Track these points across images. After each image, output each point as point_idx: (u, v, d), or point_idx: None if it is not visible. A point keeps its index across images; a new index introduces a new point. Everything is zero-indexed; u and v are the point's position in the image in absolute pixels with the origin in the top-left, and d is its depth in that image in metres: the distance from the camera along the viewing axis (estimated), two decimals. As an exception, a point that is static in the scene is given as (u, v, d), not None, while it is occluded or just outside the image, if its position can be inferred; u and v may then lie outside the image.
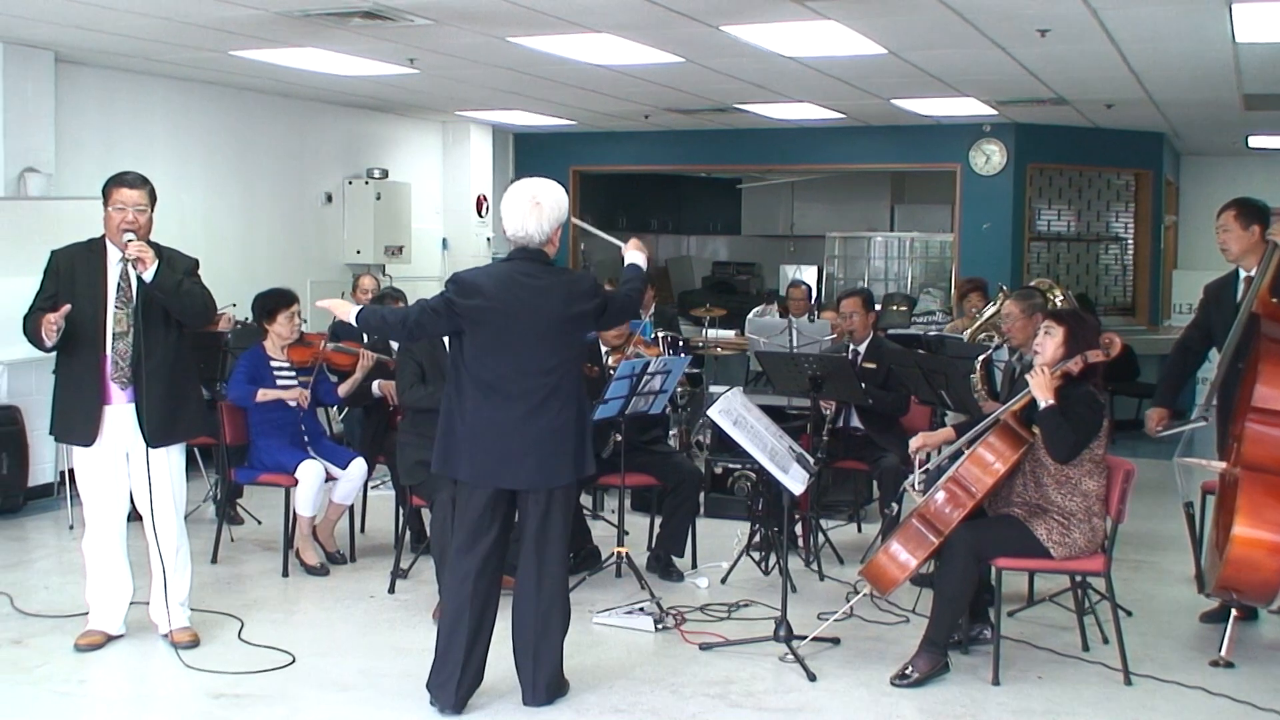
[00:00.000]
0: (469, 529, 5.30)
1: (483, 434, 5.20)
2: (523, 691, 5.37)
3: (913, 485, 6.14)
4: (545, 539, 5.29)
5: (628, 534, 7.36)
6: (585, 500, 8.51)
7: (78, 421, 5.93)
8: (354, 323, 5.49)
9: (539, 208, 5.21)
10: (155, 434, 5.91)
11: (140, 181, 5.91)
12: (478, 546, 5.28)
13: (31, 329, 5.84)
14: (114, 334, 5.86)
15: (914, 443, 6.30)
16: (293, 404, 7.57)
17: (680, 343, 10.44)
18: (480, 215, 14.82)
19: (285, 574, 7.48)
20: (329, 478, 7.54)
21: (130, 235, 5.76)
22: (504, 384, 5.18)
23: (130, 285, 5.87)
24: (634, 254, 5.75)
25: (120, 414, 5.91)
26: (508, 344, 5.17)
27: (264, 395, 7.50)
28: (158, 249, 5.85)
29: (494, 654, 5.43)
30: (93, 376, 5.88)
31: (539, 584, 5.30)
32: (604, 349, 7.55)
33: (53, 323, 5.69)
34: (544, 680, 5.34)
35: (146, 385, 5.85)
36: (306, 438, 7.65)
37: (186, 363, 6.15)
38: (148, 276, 5.75)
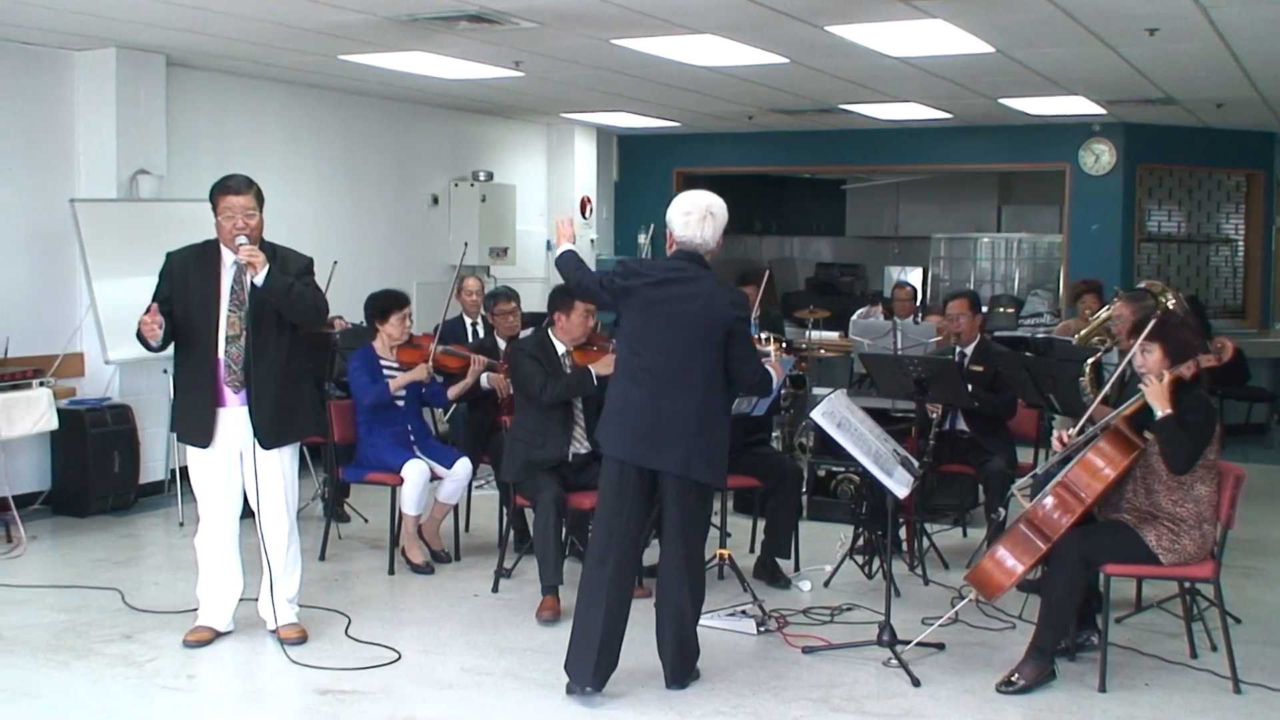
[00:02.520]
0: (606, 509, 5.51)
1: (622, 411, 5.47)
2: (665, 675, 5.63)
3: (1020, 490, 6.06)
4: (684, 528, 5.50)
5: (730, 536, 7.34)
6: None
7: (194, 423, 6.03)
8: (558, 257, 5.88)
9: (713, 218, 5.54)
10: (267, 436, 6.00)
11: (245, 185, 5.97)
12: (614, 530, 5.46)
13: (138, 331, 5.96)
14: (227, 337, 5.95)
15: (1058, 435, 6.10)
16: (400, 395, 7.63)
17: (784, 345, 10.38)
18: (584, 217, 14.87)
19: (391, 572, 7.56)
20: (434, 477, 7.61)
21: (243, 239, 5.84)
22: (643, 366, 5.46)
23: (243, 289, 5.94)
24: (770, 366, 6.05)
25: (234, 416, 6.01)
26: (651, 329, 5.47)
27: (397, 384, 7.61)
28: (271, 249, 5.93)
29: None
30: (207, 379, 5.97)
31: (673, 573, 5.52)
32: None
33: (148, 323, 5.80)
34: (682, 670, 5.61)
35: (258, 388, 5.93)
36: (412, 437, 7.72)
37: (300, 364, 6.22)
38: (258, 280, 5.83)
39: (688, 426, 5.40)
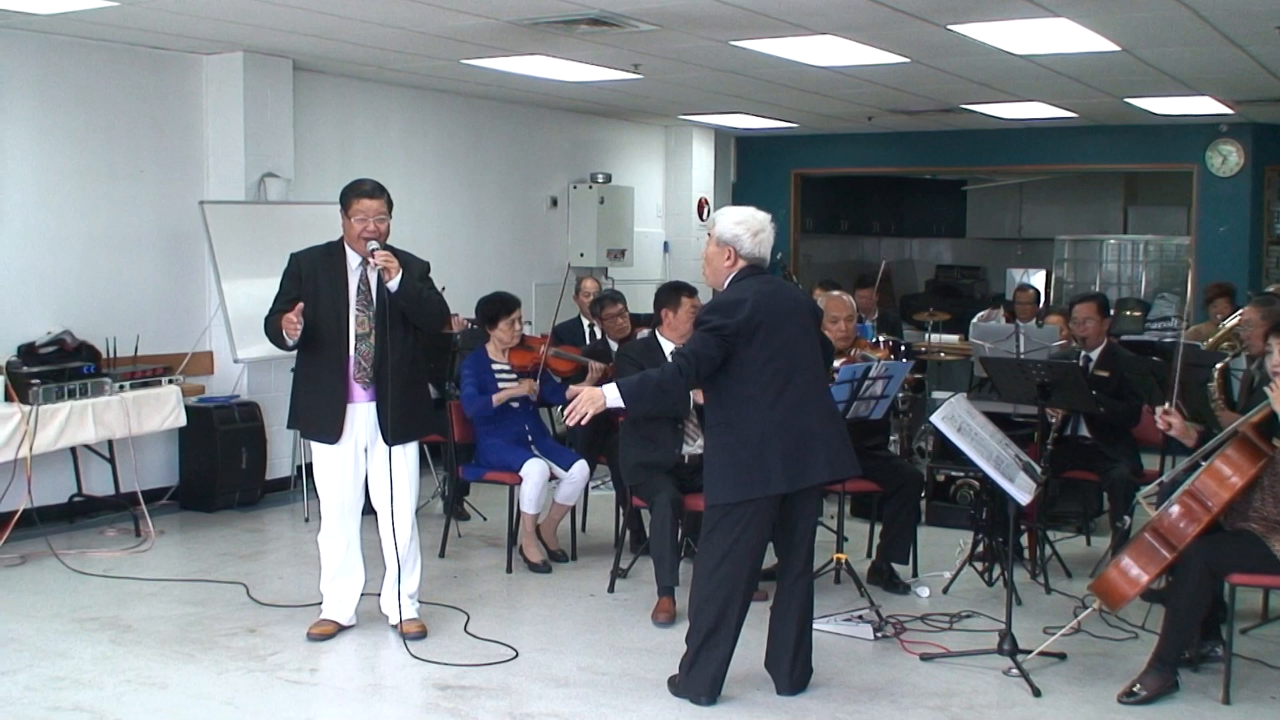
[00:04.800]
0: (750, 538, 5.36)
1: (795, 439, 5.31)
2: (777, 683, 5.60)
3: (1146, 498, 5.95)
4: (809, 535, 5.56)
5: (847, 540, 7.30)
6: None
7: (323, 419, 6.14)
8: (622, 403, 5.37)
9: (771, 231, 5.51)
10: (394, 432, 6.11)
11: (378, 190, 6.08)
12: (758, 552, 5.42)
13: (273, 329, 6.06)
14: (356, 335, 6.07)
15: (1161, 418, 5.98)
16: (516, 405, 7.70)
17: (902, 347, 10.31)
18: (701, 219, 14.85)
19: (509, 570, 7.63)
20: (551, 477, 7.66)
21: (375, 244, 5.94)
22: (788, 383, 5.33)
23: (370, 289, 6.07)
24: None
25: (361, 412, 6.13)
26: (786, 344, 5.36)
27: (499, 399, 7.65)
28: (393, 253, 6.02)
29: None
30: (337, 376, 6.08)
31: (797, 584, 5.55)
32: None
33: (293, 321, 5.90)
34: (799, 677, 5.59)
35: (386, 385, 6.04)
36: (530, 437, 7.78)
37: (420, 363, 6.35)
38: (393, 286, 5.93)
39: (833, 425, 5.47)
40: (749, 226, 5.45)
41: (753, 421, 5.30)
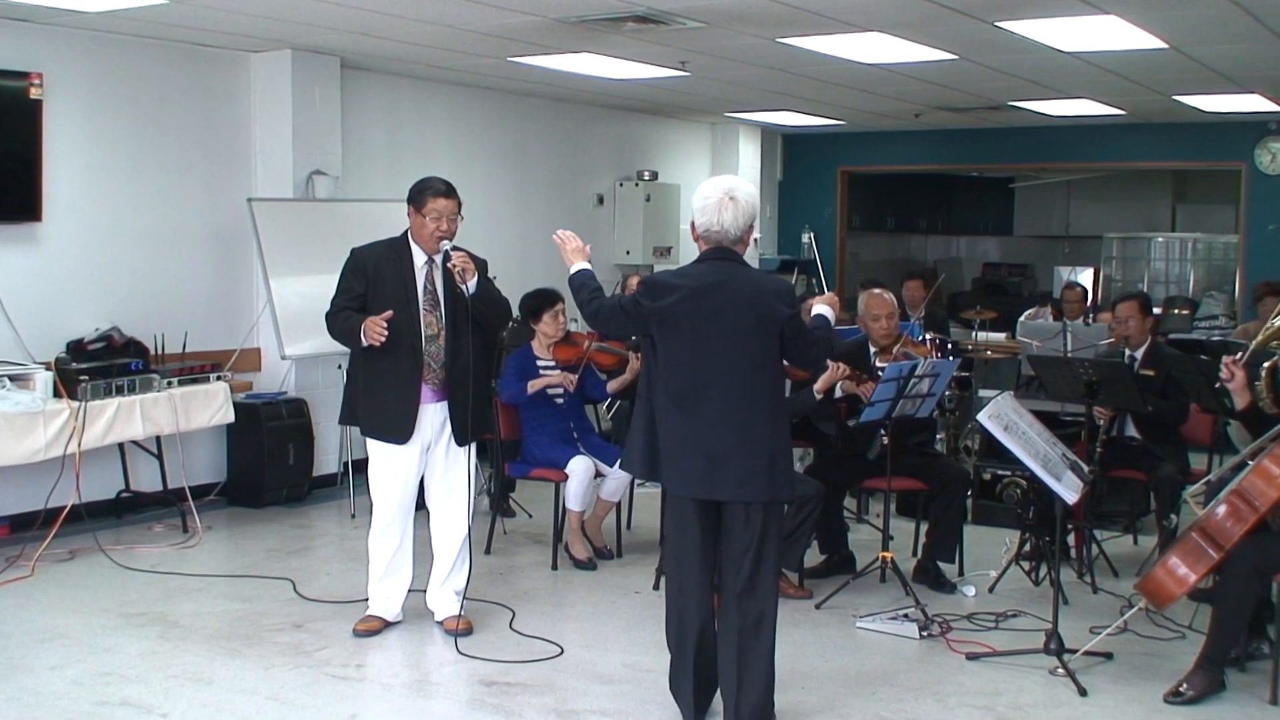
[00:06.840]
0: (676, 539, 5.12)
1: (680, 442, 4.96)
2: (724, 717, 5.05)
3: (1193, 497, 5.91)
4: (765, 551, 4.97)
5: (892, 539, 7.26)
6: (850, 504, 8.45)
7: (394, 420, 6.11)
8: (570, 278, 5.37)
9: (734, 203, 4.97)
10: (463, 432, 6.13)
11: (451, 189, 6.06)
12: (689, 557, 5.07)
13: (343, 328, 6.02)
14: (426, 336, 6.07)
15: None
16: (558, 393, 7.72)
17: (949, 345, 10.26)
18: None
19: (555, 567, 7.64)
20: (597, 474, 7.68)
21: (449, 244, 5.94)
22: (698, 390, 4.93)
23: (436, 289, 6.08)
24: (822, 305, 5.41)
25: (429, 413, 6.13)
26: (701, 348, 4.93)
27: (534, 386, 7.66)
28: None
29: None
30: (410, 377, 6.06)
31: (739, 604, 4.96)
32: (872, 349, 7.47)
33: (382, 330, 5.83)
34: (747, 711, 4.95)
35: (456, 386, 6.07)
36: (576, 434, 7.80)
37: (479, 363, 6.33)
38: (470, 287, 5.95)
39: (761, 446, 4.90)
40: (701, 193, 5.01)
41: (671, 419, 4.97)
